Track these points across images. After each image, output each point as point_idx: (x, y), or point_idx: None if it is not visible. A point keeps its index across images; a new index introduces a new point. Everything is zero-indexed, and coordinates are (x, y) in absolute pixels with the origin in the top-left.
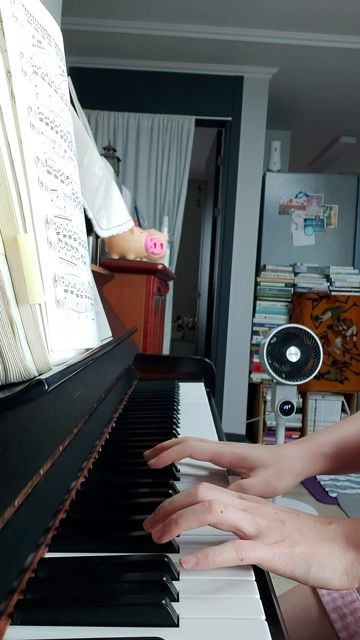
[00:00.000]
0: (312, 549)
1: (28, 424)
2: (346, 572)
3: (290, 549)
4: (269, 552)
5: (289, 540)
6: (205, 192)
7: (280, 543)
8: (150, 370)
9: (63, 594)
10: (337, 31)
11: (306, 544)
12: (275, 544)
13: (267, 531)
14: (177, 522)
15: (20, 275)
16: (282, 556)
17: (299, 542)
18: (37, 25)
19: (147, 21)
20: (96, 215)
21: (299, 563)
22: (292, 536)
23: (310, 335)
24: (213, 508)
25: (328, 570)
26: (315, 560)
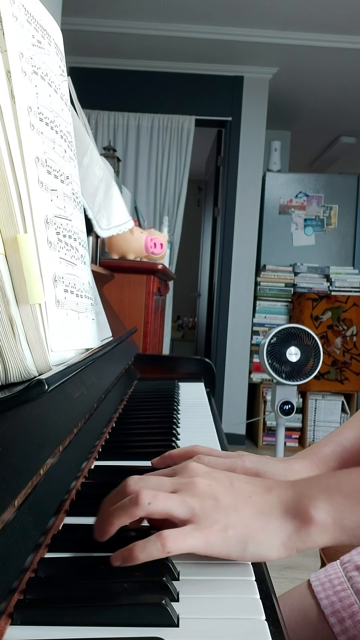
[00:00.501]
0: (247, 528)
1: (28, 424)
2: (283, 544)
3: (223, 532)
4: (201, 540)
5: (222, 522)
6: (205, 192)
7: (213, 526)
8: (150, 370)
9: (63, 594)
10: (337, 31)
11: (240, 524)
12: (208, 528)
13: (201, 513)
14: (110, 519)
15: (20, 275)
16: (215, 541)
17: (232, 523)
18: (37, 25)
19: (147, 21)
20: (96, 215)
21: (234, 545)
22: (227, 516)
23: (310, 335)
24: (140, 500)
25: (265, 546)
26: (250, 539)
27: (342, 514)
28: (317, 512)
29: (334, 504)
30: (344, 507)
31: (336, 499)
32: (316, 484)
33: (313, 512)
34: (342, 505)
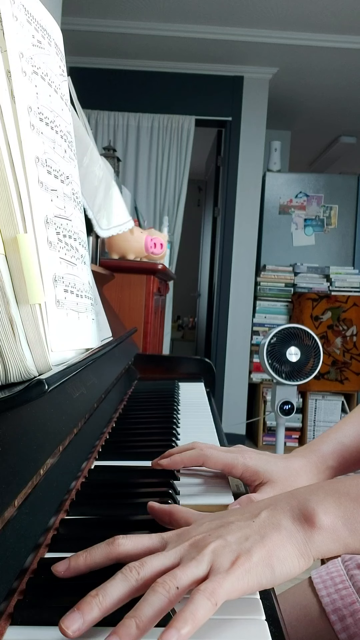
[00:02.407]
0: (266, 547)
1: (28, 424)
2: (301, 553)
3: (248, 562)
4: (233, 580)
5: (243, 554)
6: (205, 192)
7: (238, 561)
8: (150, 370)
9: (63, 594)
10: (337, 31)
11: (258, 547)
12: (233, 566)
13: (218, 557)
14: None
15: (20, 275)
16: (245, 575)
17: (251, 549)
18: (37, 25)
19: (147, 21)
20: (96, 215)
21: (262, 571)
22: (243, 547)
23: (310, 335)
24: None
25: (287, 561)
26: (274, 558)
27: (351, 516)
28: (326, 515)
29: (341, 507)
30: (353, 510)
31: (344, 502)
32: (320, 489)
33: (322, 515)
34: (350, 508)
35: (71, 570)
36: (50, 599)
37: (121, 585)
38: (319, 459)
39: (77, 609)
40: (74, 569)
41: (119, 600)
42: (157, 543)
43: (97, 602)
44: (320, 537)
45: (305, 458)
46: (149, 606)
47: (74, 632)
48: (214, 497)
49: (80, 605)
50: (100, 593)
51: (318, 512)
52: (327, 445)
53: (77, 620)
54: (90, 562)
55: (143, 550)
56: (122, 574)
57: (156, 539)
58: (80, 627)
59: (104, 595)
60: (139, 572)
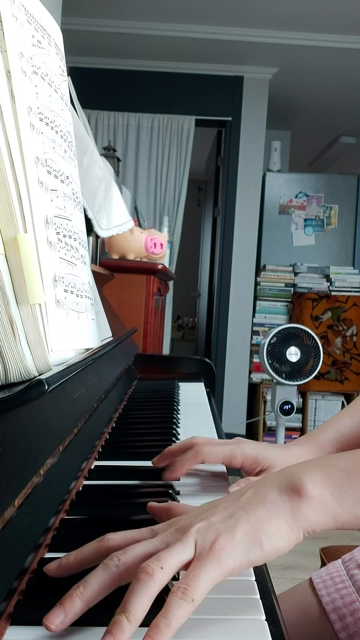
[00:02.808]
0: (250, 522)
1: (28, 424)
2: (289, 526)
3: (231, 539)
4: (213, 565)
5: (224, 532)
6: (205, 192)
7: (217, 541)
8: (150, 370)
9: (63, 594)
10: (337, 31)
11: (242, 522)
12: (213, 547)
13: (201, 538)
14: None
15: (20, 275)
16: (229, 553)
17: (234, 525)
18: (37, 25)
19: (147, 21)
20: (96, 215)
21: (249, 546)
22: (225, 524)
23: (310, 335)
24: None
25: (276, 535)
26: (261, 532)
27: (339, 486)
28: (313, 485)
29: (329, 476)
30: (340, 480)
31: (332, 472)
32: (307, 462)
33: (309, 485)
34: (338, 478)
35: (62, 568)
36: (50, 599)
37: (102, 575)
38: (318, 447)
39: (60, 604)
40: (65, 567)
41: (100, 589)
42: (147, 534)
43: (78, 594)
44: (308, 507)
45: (305, 446)
46: (134, 596)
47: (56, 627)
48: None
49: (62, 599)
50: (82, 585)
51: (305, 482)
52: (326, 435)
53: (59, 614)
54: (81, 558)
55: (132, 542)
56: (103, 564)
57: (145, 531)
58: (63, 620)
59: (85, 586)
60: (119, 558)
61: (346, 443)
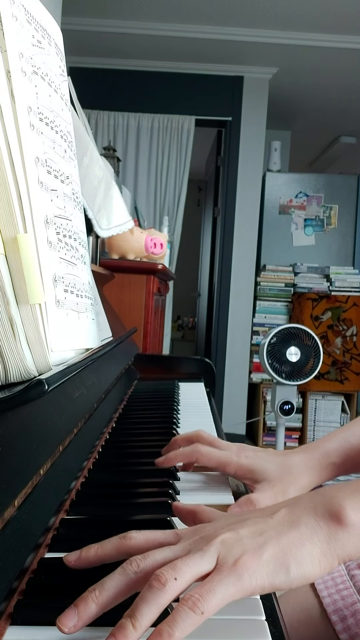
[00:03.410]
0: (280, 544)
1: (28, 424)
2: (323, 553)
3: (257, 559)
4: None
5: (251, 550)
6: (205, 192)
7: (242, 558)
8: (150, 370)
9: (63, 594)
10: (337, 31)
11: (272, 543)
12: (237, 564)
13: (224, 551)
14: (134, 626)
15: (20, 275)
16: (252, 573)
17: (263, 545)
18: (37, 25)
19: (147, 21)
20: (96, 215)
21: (275, 569)
22: (254, 541)
23: (310, 335)
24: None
25: (306, 561)
26: (291, 556)
27: None
28: (353, 511)
29: None
30: None
31: None
32: (346, 486)
33: (349, 511)
34: None
35: (82, 561)
36: (50, 599)
37: (119, 579)
38: (321, 455)
39: (74, 606)
40: (84, 560)
41: (116, 594)
42: (171, 538)
43: (94, 597)
44: (346, 535)
45: (307, 453)
46: (144, 603)
47: (69, 629)
48: (214, 497)
49: (77, 601)
50: (98, 588)
51: (345, 508)
52: (332, 443)
53: (73, 617)
54: (101, 553)
55: (154, 545)
56: (122, 568)
57: (170, 535)
58: (76, 623)
59: (101, 590)
60: (139, 564)
61: (354, 452)
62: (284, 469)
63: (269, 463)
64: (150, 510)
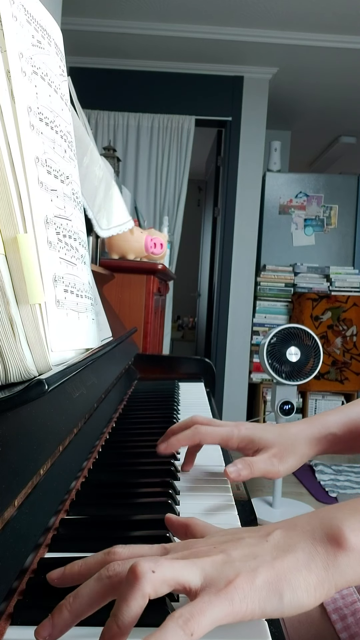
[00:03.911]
0: (275, 570)
1: (28, 424)
2: (321, 582)
3: (249, 584)
4: (224, 605)
5: (244, 573)
6: (205, 192)
7: (235, 581)
8: (150, 370)
9: (63, 594)
10: (337, 31)
11: (266, 568)
12: (228, 586)
13: (215, 572)
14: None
15: (20, 275)
16: (243, 598)
17: (256, 569)
18: (37, 26)
19: (147, 21)
20: (96, 215)
21: (268, 596)
22: (246, 565)
23: (310, 335)
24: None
25: (300, 589)
26: (285, 583)
27: None
28: (353, 533)
29: None
30: None
31: None
32: (345, 506)
33: (349, 533)
34: None
35: (65, 578)
36: (50, 599)
37: (93, 586)
38: (321, 425)
39: (50, 616)
40: (68, 577)
41: (91, 601)
42: (158, 552)
43: (67, 604)
44: (346, 559)
45: (306, 424)
46: (121, 600)
47: (44, 639)
48: (214, 497)
49: (53, 610)
50: (72, 595)
51: (345, 531)
52: (333, 416)
53: (48, 627)
54: (85, 570)
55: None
56: (98, 574)
57: (157, 549)
58: (51, 632)
59: (75, 597)
60: (115, 568)
61: (354, 426)
62: (283, 436)
63: (268, 432)
64: (150, 510)
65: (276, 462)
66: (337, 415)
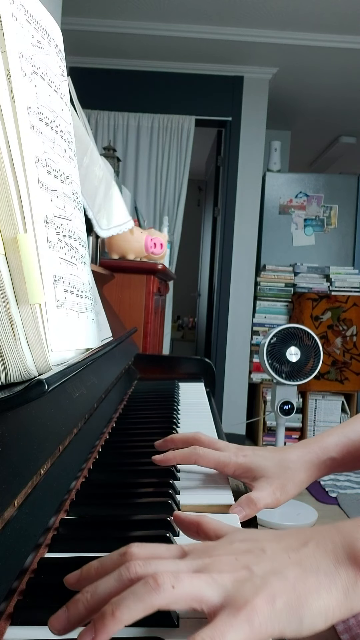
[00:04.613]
0: (296, 592)
1: (28, 424)
2: (339, 606)
3: (270, 605)
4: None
5: (265, 593)
6: (205, 192)
7: (254, 601)
8: (150, 370)
9: (63, 594)
10: (337, 31)
11: (287, 589)
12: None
13: (235, 590)
14: (113, 614)
15: (20, 275)
16: (263, 621)
17: (278, 590)
18: (37, 26)
19: (147, 21)
20: (96, 215)
21: (287, 619)
22: (268, 584)
23: (310, 335)
24: (161, 584)
25: (320, 613)
26: (306, 606)
27: None
28: None
29: None
30: None
31: None
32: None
33: None
34: None
35: (82, 581)
36: (50, 599)
37: (114, 585)
38: (320, 449)
39: (65, 607)
40: (85, 580)
41: (108, 599)
42: (176, 554)
43: (84, 600)
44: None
45: (305, 448)
46: (132, 595)
47: (59, 632)
48: (214, 496)
49: (69, 603)
50: (90, 591)
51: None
52: (332, 438)
53: (63, 620)
54: (103, 572)
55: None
56: (119, 572)
57: (175, 550)
58: (66, 626)
59: (93, 593)
60: (137, 571)
61: (354, 448)
62: (282, 465)
63: (267, 460)
64: (150, 510)
65: (279, 494)
66: (335, 437)
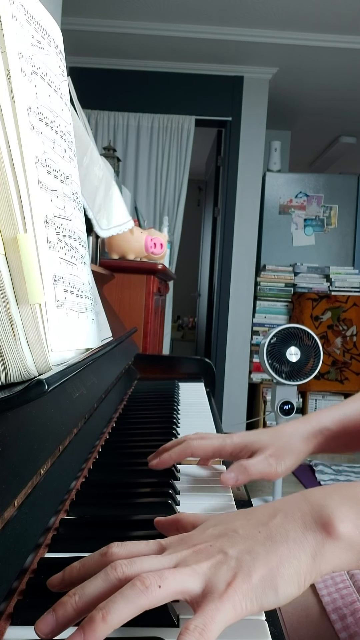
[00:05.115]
0: (269, 565)
1: (28, 424)
2: (309, 570)
3: (247, 584)
4: (228, 608)
5: (242, 573)
6: (205, 192)
7: (234, 583)
8: (150, 370)
9: (63, 594)
10: (337, 31)
11: (260, 565)
12: (229, 589)
13: (214, 576)
14: (104, 619)
15: (20, 275)
16: (242, 599)
17: (252, 567)
18: (37, 26)
19: (147, 21)
20: (96, 215)
21: (264, 593)
22: (243, 563)
23: (310, 335)
24: (149, 586)
25: (293, 580)
26: (278, 577)
27: None
28: (342, 523)
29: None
30: None
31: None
32: (336, 493)
33: (338, 523)
34: None
35: (65, 583)
36: (50, 599)
37: (101, 585)
38: (315, 421)
39: (52, 610)
40: (68, 581)
41: (96, 600)
42: (155, 549)
43: (72, 602)
44: (332, 548)
45: (301, 422)
46: (121, 598)
47: (46, 635)
48: (214, 497)
49: (55, 605)
50: (78, 592)
51: (334, 520)
52: (327, 411)
53: (50, 622)
54: (85, 573)
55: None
56: (105, 572)
57: (153, 545)
58: (54, 629)
59: (81, 595)
60: (124, 571)
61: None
62: (277, 436)
63: (261, 434)
64: (150, 510)
65: (273, 462)
66: (331, 412)
